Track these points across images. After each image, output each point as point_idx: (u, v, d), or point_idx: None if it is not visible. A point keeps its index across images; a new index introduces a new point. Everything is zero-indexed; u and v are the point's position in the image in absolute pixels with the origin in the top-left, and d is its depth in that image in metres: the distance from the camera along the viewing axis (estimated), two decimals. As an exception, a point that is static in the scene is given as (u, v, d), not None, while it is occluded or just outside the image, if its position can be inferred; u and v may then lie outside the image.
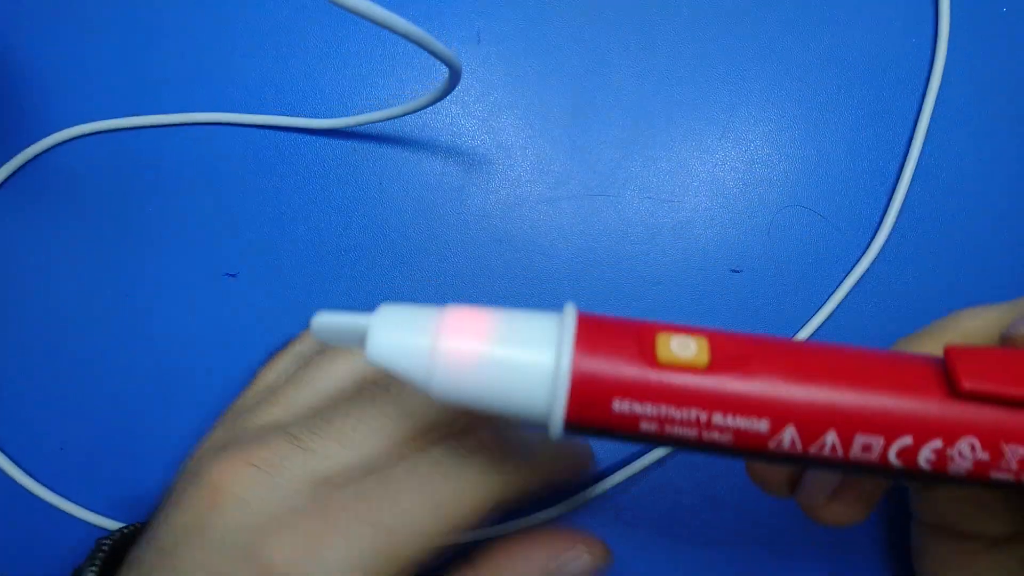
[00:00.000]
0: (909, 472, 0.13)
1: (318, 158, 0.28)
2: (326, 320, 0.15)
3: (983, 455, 0.13)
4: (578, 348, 0.13)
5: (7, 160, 0.28)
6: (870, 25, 0.28)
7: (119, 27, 0.28)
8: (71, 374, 0.27)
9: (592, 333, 0.13)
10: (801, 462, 0.13)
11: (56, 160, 0.28)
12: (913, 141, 0.27)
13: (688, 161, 0.27)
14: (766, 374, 0.13)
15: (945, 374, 0.13)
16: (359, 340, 0.14)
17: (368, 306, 0.27)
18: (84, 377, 0.27)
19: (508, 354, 0.13)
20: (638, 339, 0.13)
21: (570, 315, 0.14)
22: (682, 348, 0.13)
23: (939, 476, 0.13)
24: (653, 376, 0.13)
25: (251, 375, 0.27)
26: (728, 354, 0.13)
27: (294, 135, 0.28)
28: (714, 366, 0.13)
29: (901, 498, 0.24)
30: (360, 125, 0.27)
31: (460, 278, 0.27)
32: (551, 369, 0.13)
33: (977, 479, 0.13)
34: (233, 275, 0.27)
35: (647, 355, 0.13)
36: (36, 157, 0.28)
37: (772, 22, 0.28)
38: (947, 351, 0.13)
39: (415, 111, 0.25)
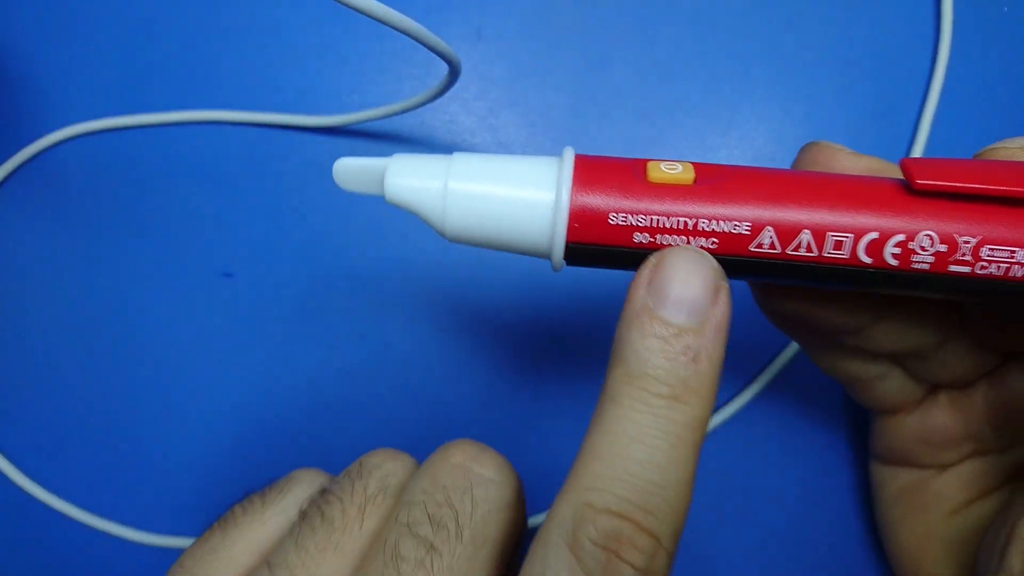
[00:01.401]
0: (878, 272, 0.15)
1: (316, 156, 0.28)
2: (348, 163, 0.16)
3: (941, 247, 0.14)
4: (576, 176, 0.15)
5: (5, 160, 0.28)
6: (873, 24, 0.28)
7: (116, 26, 0.28)
8: (68, 374, 0.27)
9: (588, 165, 0.15)
10: (781, 270, 0.15)
11: (53, 160, 0.28)
12: (916, 140, 0.27)
13: (690, 159, 0.27)
14: (746, 184, 0.15)
15: (903, 183, 0.15)
16: (377, 184, 0.16)
17: (368, 307, 0.27)
18: (81, 377, 0.27)
19: (513, 188, 0.15)
20: (631, 167, 0.15)
21: (569, 153, 0.15)
22: (670, 168, 0.15)
23: (906, 275, 0.15)
24: (645, 191, 0.15)
25: (249, 374, 0.27)
26: (712, 173, 0.15)
27: (292, 133, 0.28)
28: (700, 181, 0.15)
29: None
30: (358, 123, 0.27)
31: (459, 277, 0.27)
32: (552, 197, 0.15)
33: (939, 274, 0.15)
34: (230, 275, 0.27)
35: (639, 177, 0.15)
36: (33, 157, 0.28)
37: (775, 19, 0.28)
38: (902, 161, 0.15)
39: (414, 108, 0.25)
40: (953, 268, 0.14)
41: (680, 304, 0.14)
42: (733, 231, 0.14)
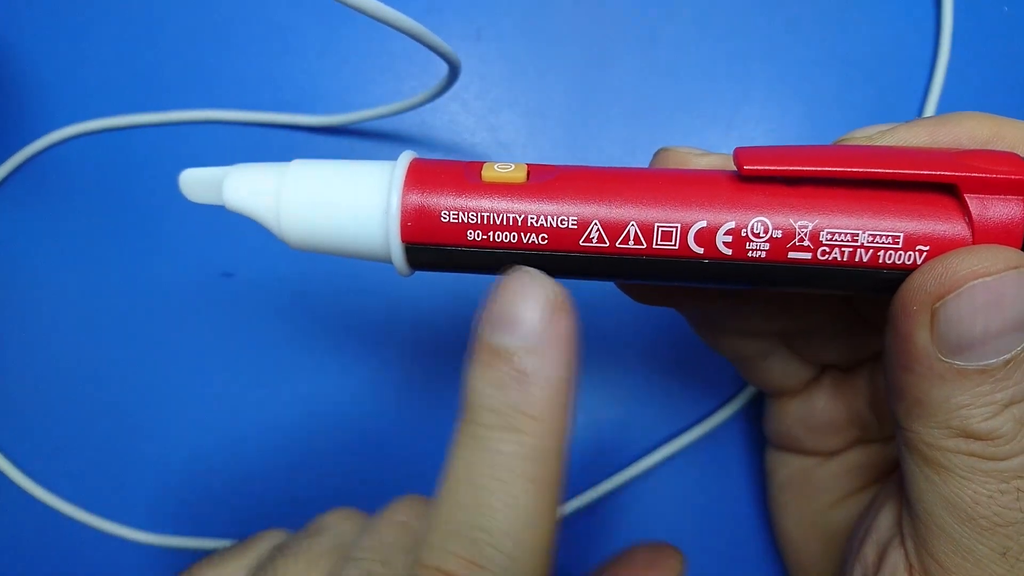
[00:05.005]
0: (715, 263, 0.14)
1: (317, 156, 0.27)
2: (192, 174, 0.17)
3: (776, 233, 0.14)
4: (408, 178, 0.15)
5: (5, 159, 0.28)
6: (873, 24, 0.28)
7: (116, 25, 0.28)
8: (68, 374, 0.27)
9: (422, 167, 0.15)
10: (619, 265, 0.15)
11: (53, 159, 0.28)
12: (916, 139, 0.27)
13: (690, 159, 0.27)
14: (574, 181, 0.15)
15: (736, 173, 0.15)
16: (218, 194, 0.16)
17: (372, 308, 0.27)
18: (81, 376, 0.27)
19: (346, 193, 0.15)
20: (467, 168, 0.15)
21: (404, 156, 0.16)
22: (503, 168, 0.15)
23: (745, 265, 0.14)
24: (476, 190, 0.15)
25: (249, 373, 0.27)
26: (543, 172, 0.15)
27: (293, 133, 0.28)
28: (532, 179, 0.15)
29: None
30: (359, 122, 0.27)
31: (459, 277, 0.27)
32: (384, 199, 0.15)
33: (780, 263, 0.14)
34: (229, 274, 0.27)
35: (473, 177, 0.15)
36: (34, 156, 0.28)
37: (775, 19, 0.28)
38: (735, 151, 0.15)
39: (414, 108, 0.25)
40: (793, 255, 0.14)
41: (511, 326, 0.14)
42: (561, 226, 0.15)
